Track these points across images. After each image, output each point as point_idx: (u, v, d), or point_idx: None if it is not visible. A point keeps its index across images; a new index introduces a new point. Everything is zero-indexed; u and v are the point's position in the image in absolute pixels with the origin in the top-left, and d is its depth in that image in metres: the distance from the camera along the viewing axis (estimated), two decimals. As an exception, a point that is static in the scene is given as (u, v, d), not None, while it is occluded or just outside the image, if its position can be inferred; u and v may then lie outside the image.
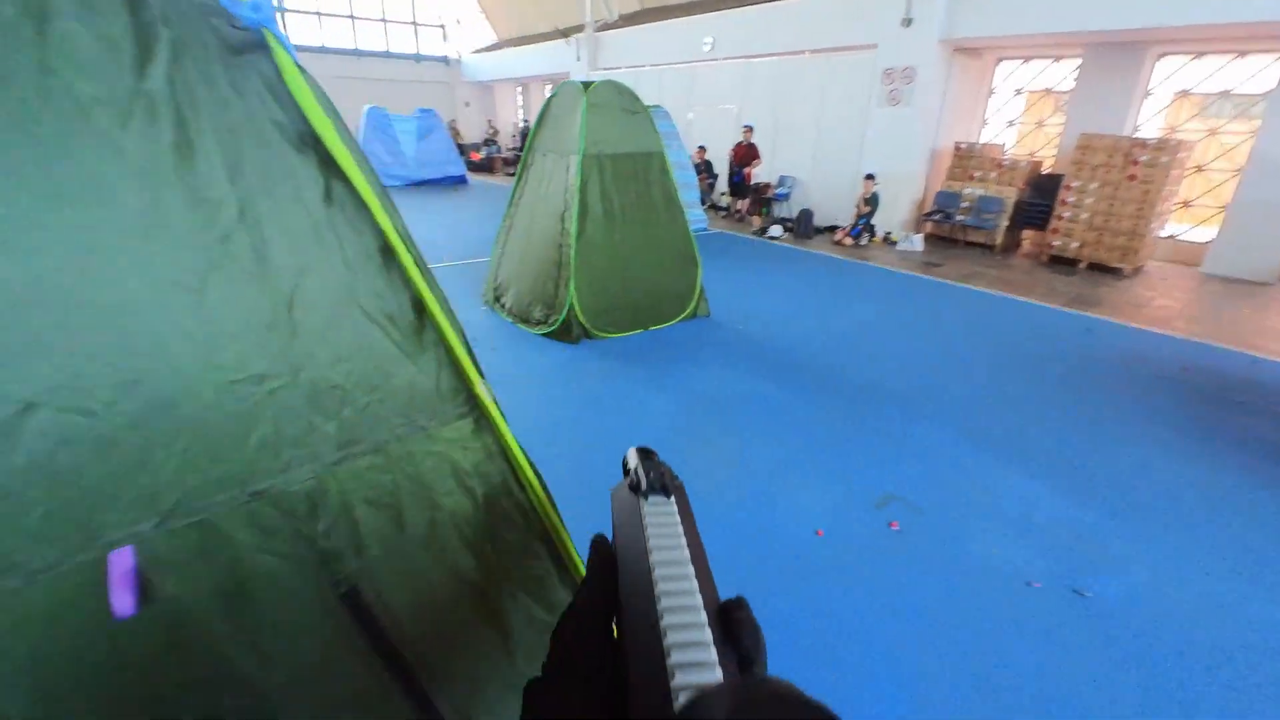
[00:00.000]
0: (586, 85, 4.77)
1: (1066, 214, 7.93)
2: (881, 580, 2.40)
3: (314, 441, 0.58)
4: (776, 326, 5.32)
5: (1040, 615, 2.25)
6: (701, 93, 12.21)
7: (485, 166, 18.46)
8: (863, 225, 8.91)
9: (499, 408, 0.68)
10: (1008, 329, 5.47)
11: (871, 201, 8.78)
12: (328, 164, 0.54)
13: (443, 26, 21.29)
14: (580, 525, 2.58)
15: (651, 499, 0.41)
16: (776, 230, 9.41)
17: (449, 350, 0.64)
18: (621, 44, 14.13)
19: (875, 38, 8.84)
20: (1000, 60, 9.37)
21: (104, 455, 0.48)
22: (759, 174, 10.54)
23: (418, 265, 0.61)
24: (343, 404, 0.59)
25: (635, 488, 0.43)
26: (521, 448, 0.72)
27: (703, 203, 10.67)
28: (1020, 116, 9.64)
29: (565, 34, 15.47)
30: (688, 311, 5.39)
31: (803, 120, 10.33)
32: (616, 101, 4.87)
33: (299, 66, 0.51)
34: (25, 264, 0.43)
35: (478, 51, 20.80)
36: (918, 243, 8.67)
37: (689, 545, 0.37)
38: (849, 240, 8.91)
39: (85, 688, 0.48)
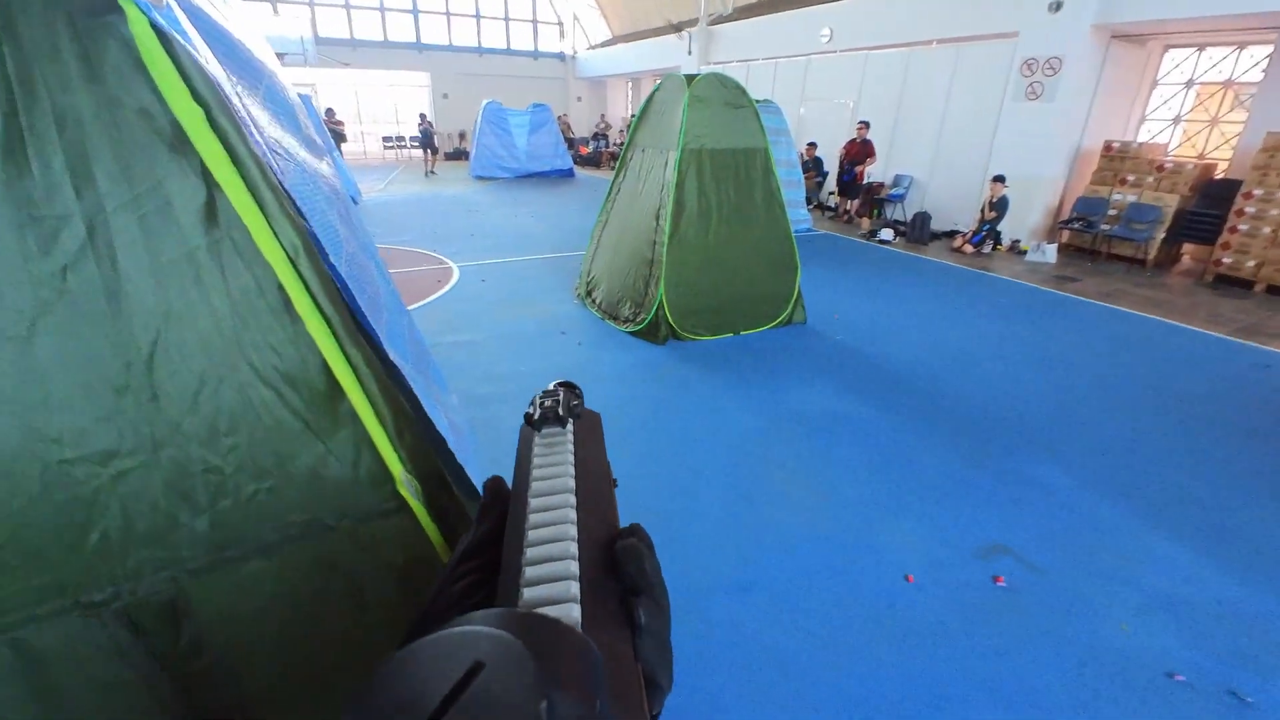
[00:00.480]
0: (690, 79, 4.61)
1: (1243, 226, 6.79)
2: (980, 647, 2.09)
3: (177, 541, 0.46)
4: (880, 340, 4.91)
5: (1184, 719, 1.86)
6: (815, 86, 11.66)
7: (593, 160, 18.73)
8: (986, 232, 8.12)
9: (424, 506, 0.53)
10: (1159, 359, 4.74)
11: (999, 206, 7.98)
12: (211, 174, 0.42)
13: (560, 24, 21.81)
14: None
15: (545, 430, 0.41)
16: (887, 234, 8.80)
17: (368, 427, 0.50)
18: (734, 37, 13.79)
19: (1016, 25, 8.00)
20: (1168, 48, 8.19)
21: None
22: (872, 173, 9.91)
23: (333, 307, 0.47)
24: (219, 493, 0.47)
25: (529, 420, 0.43)
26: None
27: (809, 202, 10.19)
28: (1189, 113, 8.39)
29: (678, 28, 15.33)
30: (782, 317, 5.11)
31: (925, 116, 9.57)
32: (721, 95, 4.67)
33: (165, 32, 0.38)
34: None
35: (592, 48, 21.12)
36: (1050, 254, 7.78)
37: (586, 474, 0.37)
38: (969, 248, 8.16)
39: None
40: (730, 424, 3.55)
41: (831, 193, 10.88)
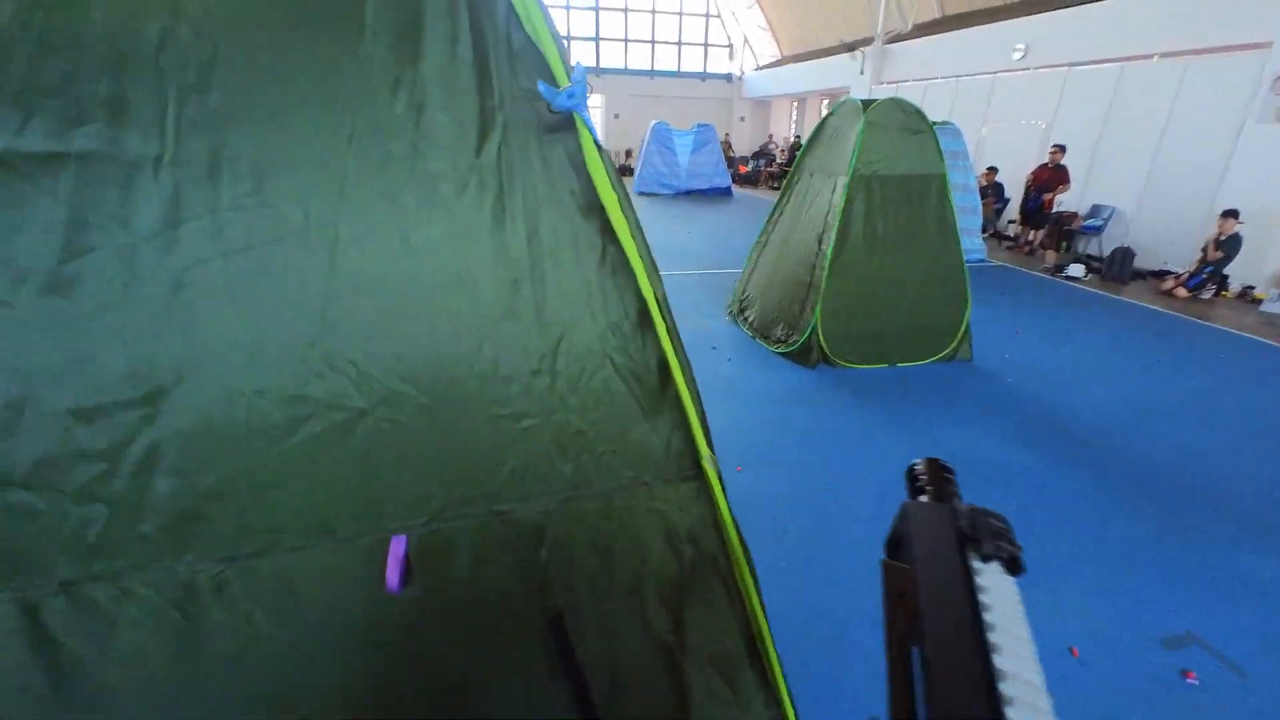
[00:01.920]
0: (866, 104, 4.57)
1: None
2: (1162, 741, 1.88)
3: (552, 479, 0.66)
4: (1058, 387, 4.47)
5: None
6: (1001, 107, 10.80)
7: (751, 179, 18.81)
8: (1208, 274, 7.01)
9: (722, 482, 0.70)
10: None
11: (1227, 245, 6.86)
12: (607, 231, 0.61)
13: (730, 45, 22.21)
14: (777, 565, 2.48)
15: (991, 565, 0.35)
16: (1077, 270, 7.91)
17: (685, 415, 0.67)
18: (912, 55, 13.18)
19: (1269, 34, 6.87)
20: None
21: (399, 459, 0.62)
22: (1064, 201, 8.97)
23: (670, 331, 0.65)
24: (582, 450, 0.66)
25: (963, 536, 0.36)
26: (736, 525, 0.73)
27: (984, 230, 9.46)
28: None
29: (850, 47, 14.96)
30: (946, 352, 4.84)
31: (1136, 140, 8.48)
32: (898, 121, 4.57)
33: (597, 145, 0.59)
34: (373, 301, 0.58)
35: (760, 68, 21.25)
36: (1296, 304, 6.54)
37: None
38: (1183, 291, 7.09)
39: (346, 640, 0.63)
40: (879, 456, 3.46)
41: (1012, 221, 10.00)
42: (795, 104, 20.93)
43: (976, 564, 0.33)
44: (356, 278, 0.58)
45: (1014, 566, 0.34)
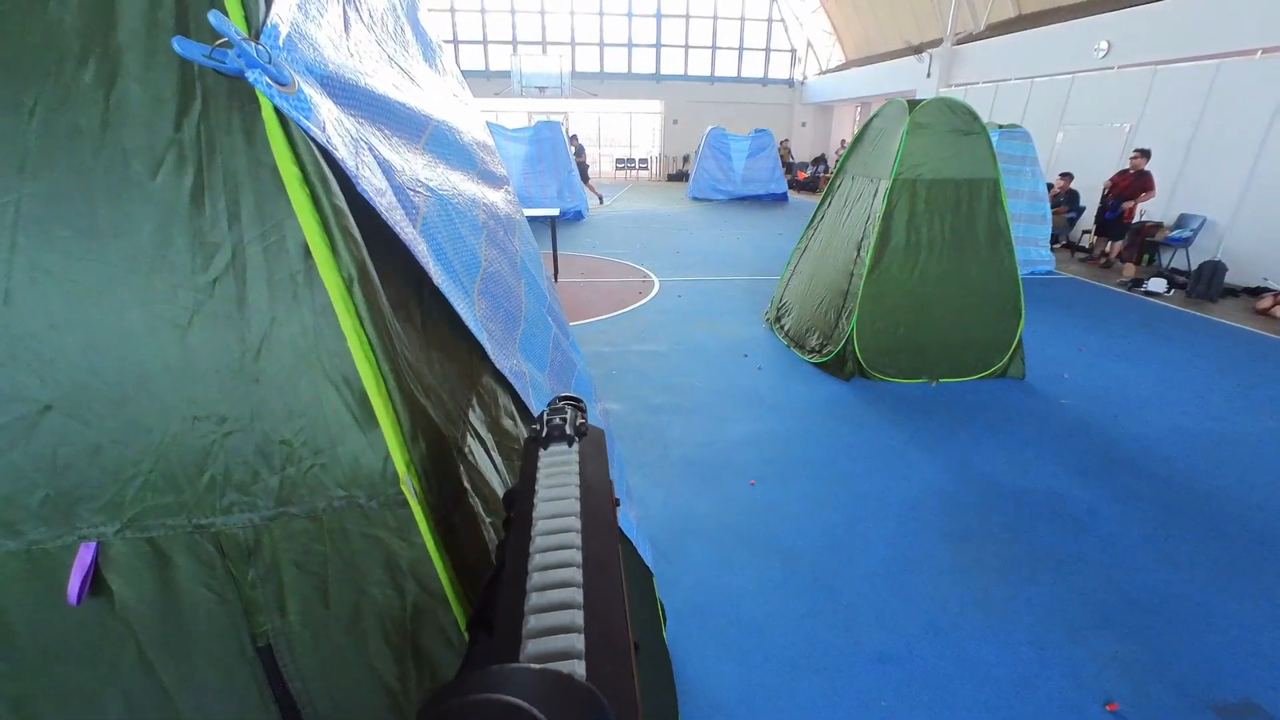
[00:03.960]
0: (913, 104, 4.32)
1: None
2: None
3: (256, 491, 0.59)
4: (1122, 412, 4.08)
5: None
6: (1079, 109, 10.10)
7: (810, 185, 18.40)
8: (1313, 291, 6.29)
9: (428, 511, 0.61)
10: None
11: (1338, 259, 6.14)
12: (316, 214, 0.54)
13: (793, 51, 21.83)
14: (781, 586, 2.35)
15: (551, 448, 0.43)
16: (1158, 284, 7.27)
17: (384, 430, 0.59)
18: (982, 56, 12.56)
19: (1394, 27, 6.12)
20: None
21: (91, 460, 0.56)
22: (1146, 211, 8.28)
23: (371, 326, 0.57)
24: (288, 461, 0.59)
25: (535, 437, 0.44)
26: (448, 565, 0.63)
27: (1054, 241, 8.85)
28: None
29: (918, 49, 14.40)
30: (995, 369, 4.52)
31: (1234, 144, 7.73)
32: (947, 122, 4.30)
33: (284, 112, 0.51)
34: (63, 289, 0.53)
35: (823, 73, 20.79)
36: None
37: (590, 494, 0.37)
38: (1283, 310, 6.40)
39: (36, 652, 0.58)
40: (909, 478, 3.24)
41: (1087, 231, 9.32)
42: (859, 109, 20.34)
43: (543, 453, 0.43)
44: (40, 260, 0.53)
45: (558, 439, 0.44)
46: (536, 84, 18.84)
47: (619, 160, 21.89)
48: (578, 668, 0.25)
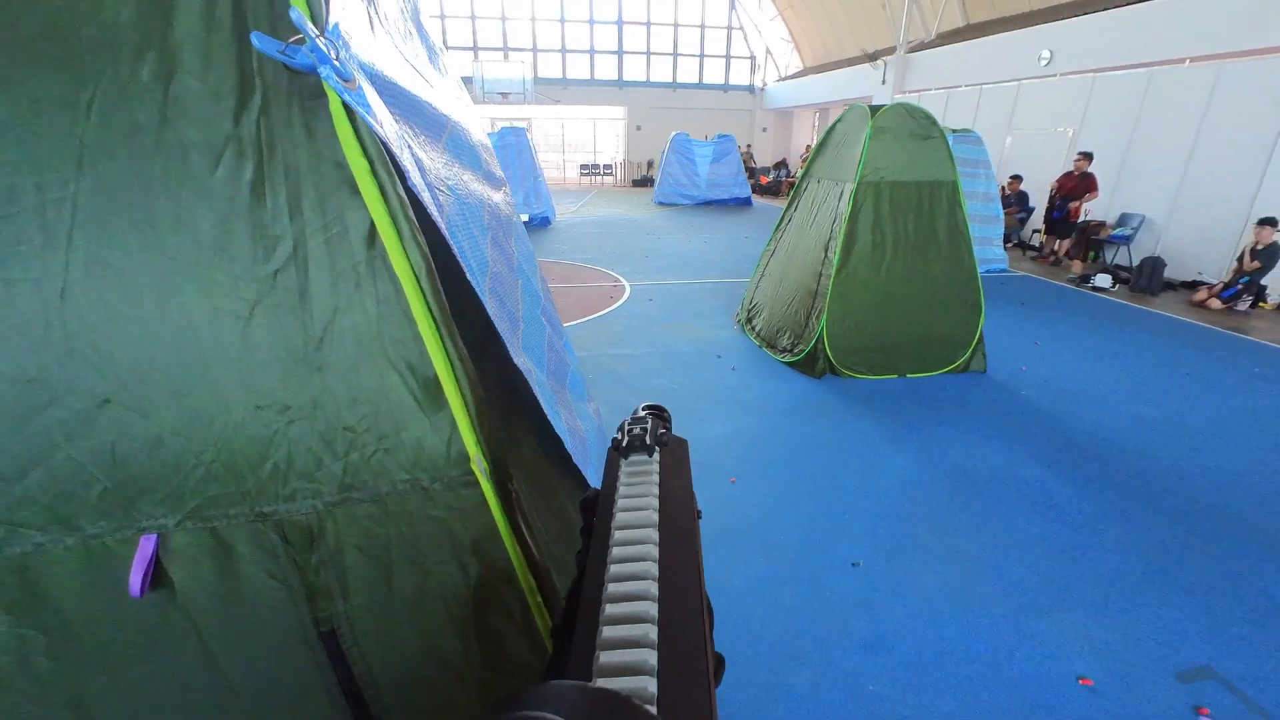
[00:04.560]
0: (875, 110, 4.47)
1: None
2: (1166, 777, 1.73)
3: (320, 478, 0.60)
4: (1077, 401, 4.28)
5: None
6: (1026, 114, 10.56)
7: (772, 189, 18.72)
8: (1244, 285, 6.70)
9: (498, 489, 0.62)
10: None
11: (1265, 255, 6.55)
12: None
13: (752, 57, 22.22)
14: (762, 580, 2.41)
15: (632, 458, 0.42)
16: (1104, 280, 7.63)
17: (455, 414, 0.61)
18: (934, 64, 13.01)
19: (1308, 37, 6.59)
20: None
21: (150, 452, 0.57)
22: (1091, 210, 8.69)
23: (440, 318, 0.59)
24: (351, 447, 0.60)
25: (617, 446, 0.44)
26: (521, 541, 0.65)
27: (1007, 240, 9.21)
28: None
29: (873, 57, 14.83)
30: (958, 364, 4.68)
31: (1167, 146, 8.19)
32: (907, 126, 4.46)
33: (350, 107, 0.53)
34: (122, 281, 0.53)
35: (783, 79, 21.21)
36: (1341, 316, 6.19)
37: (670, 506, 0.37)
38: (1217, 303, 6.79)
39: (93, 645, 0.58)
40: (883, 471, 3.33)
41: (1037, 231, 9.73)
42: (818, 114, 20.80)
43: (623, 462, 0.42)
44: (98, 254, 0.53)
45: (639, 449, 0.43)
46: (499, 90, 18.75)
47: (584, 166, 21.91)
48: (649, 684, 0.24)
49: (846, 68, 16.46)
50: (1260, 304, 6.83)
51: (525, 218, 7.63)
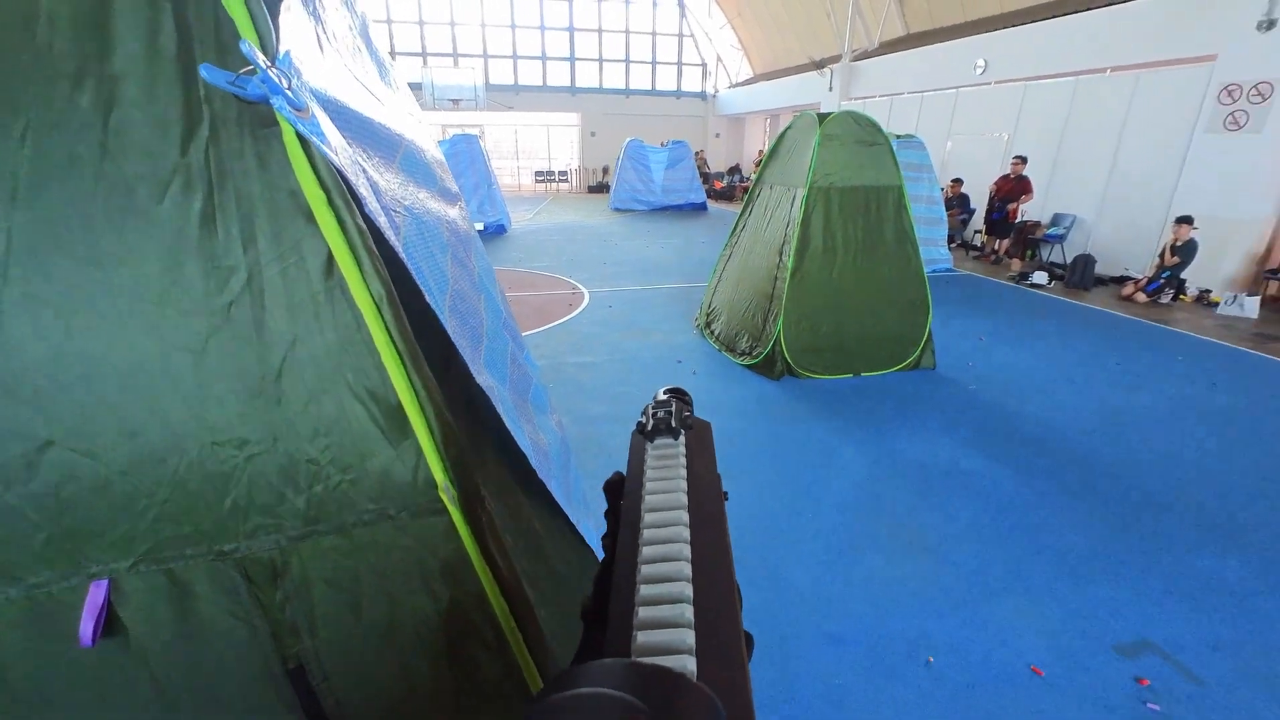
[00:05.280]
0: (822, 117, 4.60)
1: None
2: (1111, 748, 1.84)
3: (282, 512, 0.60)
4: (1020, 394, 4.49)
5: None
6: (965, 120, 11.03)
7: (726, 195, 18.99)
8: (1165, 279, 7.15)
9: (468, 514, 0.63)
10: (1393, 440, 3.89)
11: (1183, 251, 7.01)
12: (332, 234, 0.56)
13: (704, 65, 22.54)
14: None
15: (657, 441, 0.42)
16: (1041, 277, 8.03)
17: (420, 441, 0.61)
18: (878, 71, 13.46)
19: (1214, 47, 7.09)
20: None
21: (99, 495, 0.55)
22: (1027, 211, 9.13)
23: (401, 342, 0.59)
24: (315, 479, 0.60)
25: (642, 430, 0.44)
26: (489, 565, 0.66)
27: (950, 241, 9.58)
28: None
29: (820, 65, 15.25)
30: (908, 361, 4.85)
31: (1093, 150, 8.68)
32: (853, 133, 4.61)
33: (304, 136, 0.53)
34: (63, 319, 0.52)
35: (733, 86, 21.58)
36: (1251, 307, 6.67)
37: (699, 489, 0.37)
38: (1143, 296, 7.22)
39: (37, 699, 0.56)
40: (842, 467, 3.42)
41: (978, 231, 10.16)
42: (768, 120, 21.24)
43: (649, 445, 0.42)
44: (36, 292, 0.51)
45: (664, 432, 0.43)
46: (450, 96, 18.48)
47: (538, 173, 21.78)
48: (688, 663, 0.24)
49: (795, 75, 16.87)
50: (1181, 296, 7.30)
51: (480, 226, 7.54)
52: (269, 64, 0.49)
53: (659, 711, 0.18)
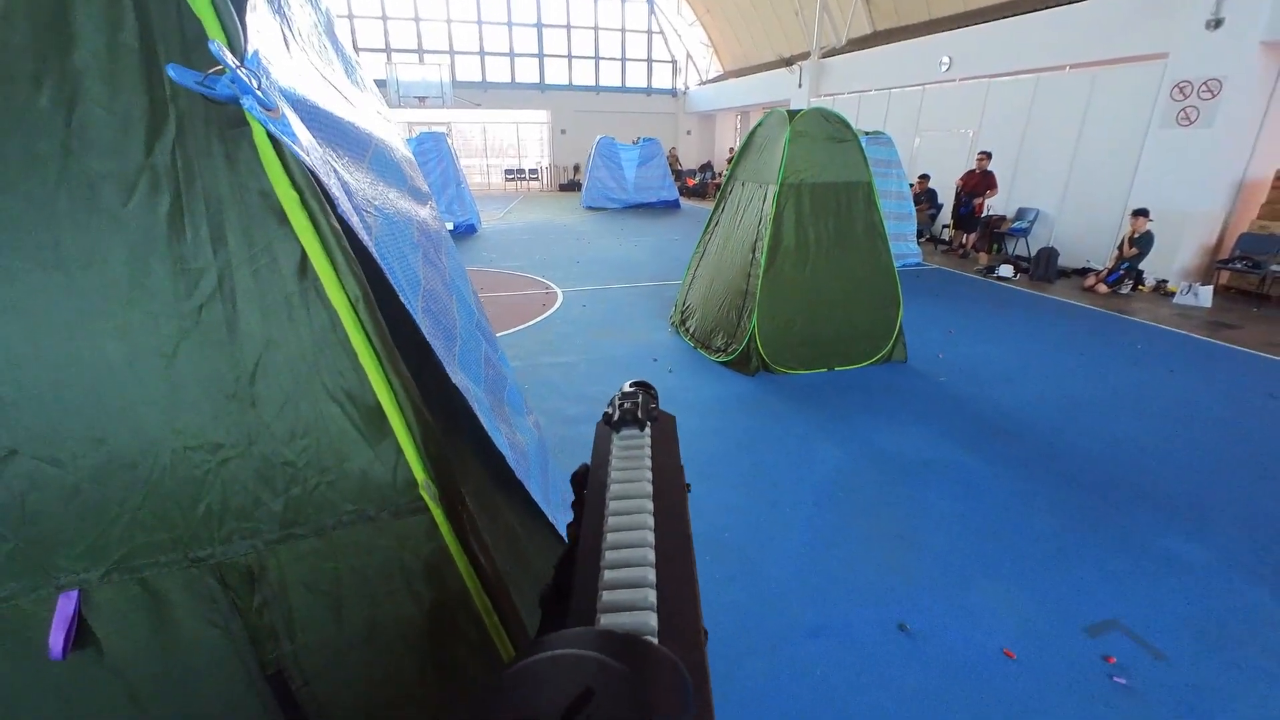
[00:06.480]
0: (792, 114, 4.63)
1: None
2: (1083, 728, 1.89)
3: (258, 516, 0.58)
4: (989, 384, 4.59)
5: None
6: (931, 116, 11.24)
7: (699, 192, 19.05)
8: (1125, 270, 7.38)
9: (449, 512, 0.62)
10: (1338, 421, 4.07)
11: (1141, 243, 7.24)
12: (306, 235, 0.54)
13: (674, 61, 22.56)
14: (711, 576, 2.45)
15: (623, 432, 0.43)
16: (1007, 270, 8.23)
17: (400, 441, 0.60)
18: (846, 69, 13.63)
19: (1165, 45, 7.33)
20: (1363, 66, 7.15)
21: (66, 503, 0.53)
22: (992, 206, 9.34)
23: (377, 342, 0.58)
24: (292, 482, 0.58)
25: (608, 420, 0.45)
26: (471, 562, 0.65)
27: (920, 235, 9.76)
28: (1392, 138, 7.22)
29: (789, 62, 15.38)
30: (881, 355, 4.92)
31: (1055, 146, 8.93)
32: (823, 130, 4.65)
33: (275, 136, 0.51)
34: (24, 323, 0.49)
35: (704, 83, 21.64)
36: (1205, 296, 6.92)
37: (662, 479, 0.37)
38: (1104, 287, 7.45)
39: (5, 714, 0.53)
40: (817, 462, 3.46)
41: (946, 226, 10.37)
42: (739, 117, 21.35)
43: (615, 435, 0.42)
44: None
45: (630, 423, 0.43)
46: (415, 94, 18.19)
47: (509, 171, 21.57)
48: (650, 619, 0.25)
49: (764, 72, 16.99)
50: (1139, 287, 7.55)
51: (450, 226, 7.44)
52: (238, 64, 0.47)
53: (633, 672, 0.19)
